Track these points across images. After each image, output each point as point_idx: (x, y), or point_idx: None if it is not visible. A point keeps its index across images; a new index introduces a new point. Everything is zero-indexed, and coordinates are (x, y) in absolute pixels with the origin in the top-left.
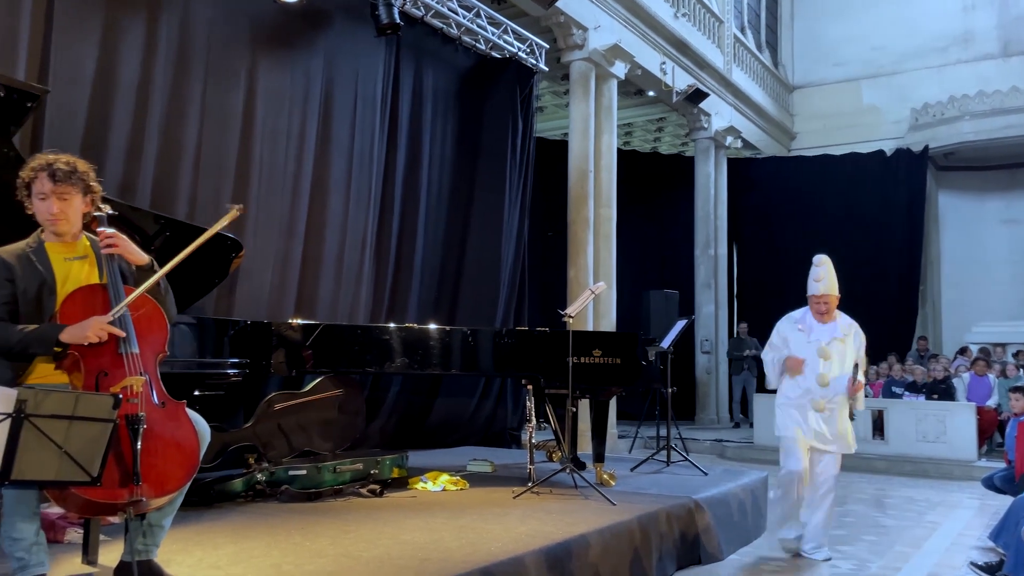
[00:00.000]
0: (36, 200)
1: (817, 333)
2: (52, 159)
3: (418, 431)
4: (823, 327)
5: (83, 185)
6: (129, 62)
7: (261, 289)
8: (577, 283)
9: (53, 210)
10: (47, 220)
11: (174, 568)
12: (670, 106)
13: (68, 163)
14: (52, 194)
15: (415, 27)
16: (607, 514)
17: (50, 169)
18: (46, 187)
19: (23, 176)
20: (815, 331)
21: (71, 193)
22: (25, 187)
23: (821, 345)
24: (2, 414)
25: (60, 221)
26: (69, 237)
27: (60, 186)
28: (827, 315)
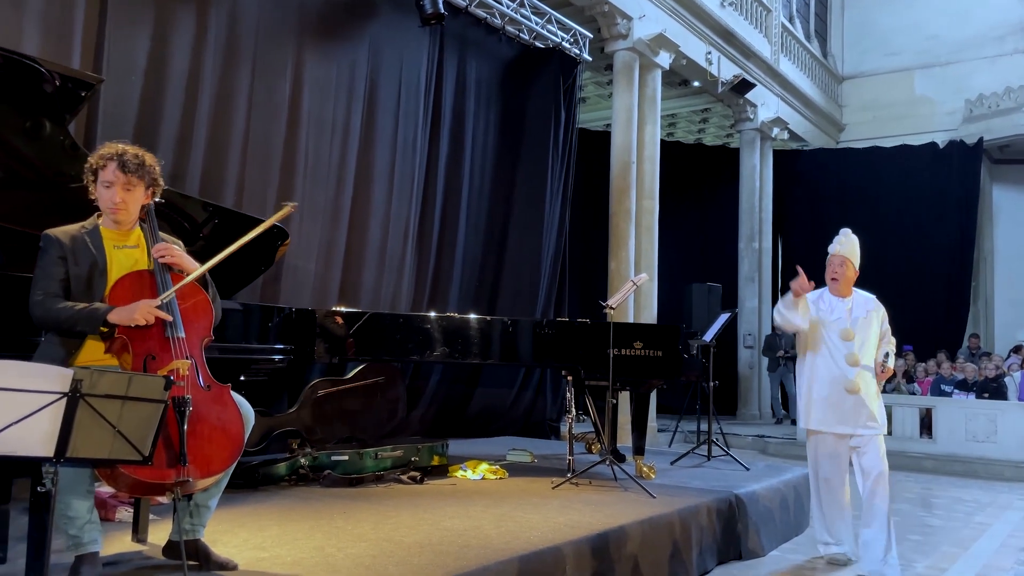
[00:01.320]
0: (101, 187)
1: (838, 312)
2: (123, 149)
3: (458, 420)
4: (842, 305)
5: (149, 178)
6: (180, 53)
7: (306, 277)
8: (618, 275)
9: (116, 199)
10: (109, 208)
11: (220, 548)
12: (715, 97)
13: (138, 155)
14: (118, 183)
15: (459, 17)
16: (647, 507)
17: (121, 159)
18: (114, 176)
19: (92, 162)
20: (835, 310)
21: (137, 184)
22: (92, 172)
23: (844, 327)
24: (59, 393)
25: (121, 211)
26: (126, 226)
27: (128, 176)
28: (839, 281)
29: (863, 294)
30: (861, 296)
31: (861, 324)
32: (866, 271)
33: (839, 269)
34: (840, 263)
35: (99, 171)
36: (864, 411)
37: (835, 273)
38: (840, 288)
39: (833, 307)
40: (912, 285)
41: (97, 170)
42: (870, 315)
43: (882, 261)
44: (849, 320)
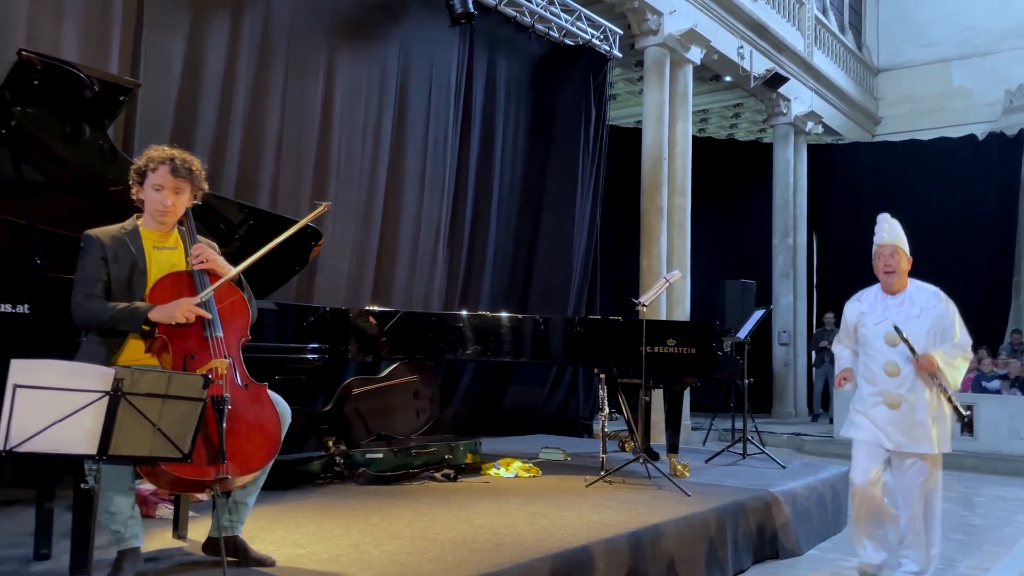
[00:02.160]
0: (150, 189)
1: (883, 312)
2: (173, 153)
3: (490, 418)
4: (892, 303)
5: (195, 183)
6: (215, 56)
7: (339, 277)
8: (650, 272)
9: (167, 202)
10: (157, 210)
11: (258, 545)
12: (748, 91)
13: (186, 160)
14: (169, 187)
15: (488, 16)
16: (682, 505)
17: (172, 163)
18: (165, 179)
19: (141, 164)
20: (883, 310)
21: (185, 189)
22: (140, 174)
23: (889, 329)
24: (101, 391)
25: (170, 213)
26: (167, 227)
27: (178, 181)
28: (894, 275)
29: (923, 287)
30: (919, 290)
31: (909, 325)
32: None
33: (891, 260)
34: (891, 253)
35: (149, 173)
36: (905, 426)
37: (888, 266)
38: (895, 283)
39: (879, 305)
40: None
41: (146, 172)
42: (925, 314)
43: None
44: (898, 320)
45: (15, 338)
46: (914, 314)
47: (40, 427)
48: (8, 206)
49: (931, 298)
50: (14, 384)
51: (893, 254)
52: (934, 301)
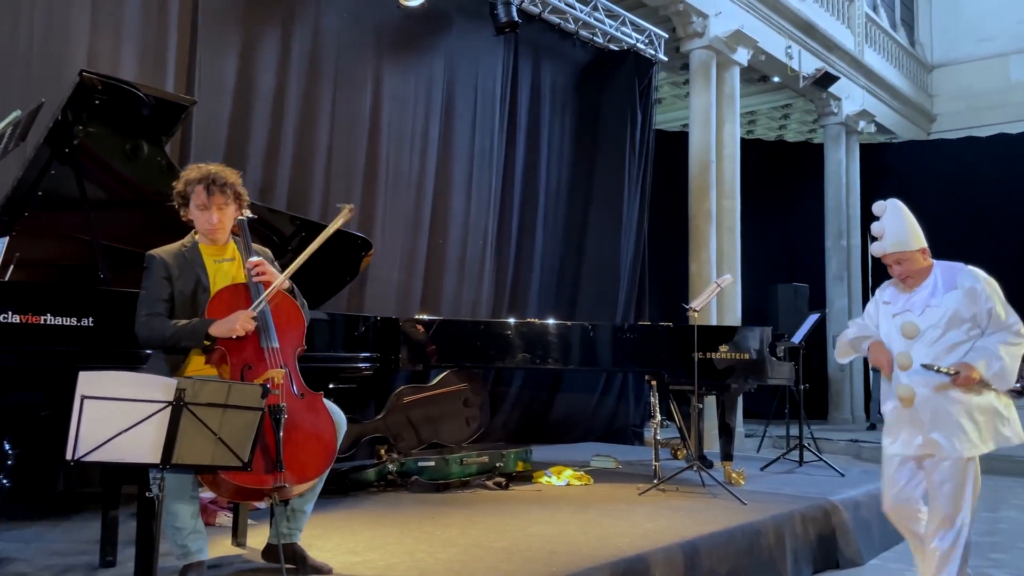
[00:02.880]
0: (196, 210)
1: (903, 303)
2: (207, 171)
3: (540, 426)
4: (912, 295)
5: (234, 194)
6: (266, 72)
7: (389, 286)
8: (699, 277)
9: (214, 220)
10: (208, 229)
11: (315, 552)
12: (797, 92)
13: (220, 174)
14: (212, 205)
15: (532, 24)
16: (737, 513)
17: (207, 181)
18: (205, 199)
19: (179, 188)
20: (905, 299)
21: (227, 203)
22: (182, 197)
23: (907, 319)
24: (164, 402)
25: (219, 230)
26: (221, 242)
27: (218, 197)
28: (911, 278)
29: (950, 268)
30: (945, 272)
31: (931, 313)
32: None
33: (898, 268)
34: (896, 261)
35: (190, 196)
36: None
37: (900, 274)
38: (914, 283)
39: (901, 294)
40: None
41: (187, 195)
42: (947, 299)
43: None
44: (915, 309)
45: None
46: (935, 301)
47: (106, 437)
48: (72, 223)
49: (965, 276)
50: (82, 395)
51: (900, 261)
52: (967, 280)
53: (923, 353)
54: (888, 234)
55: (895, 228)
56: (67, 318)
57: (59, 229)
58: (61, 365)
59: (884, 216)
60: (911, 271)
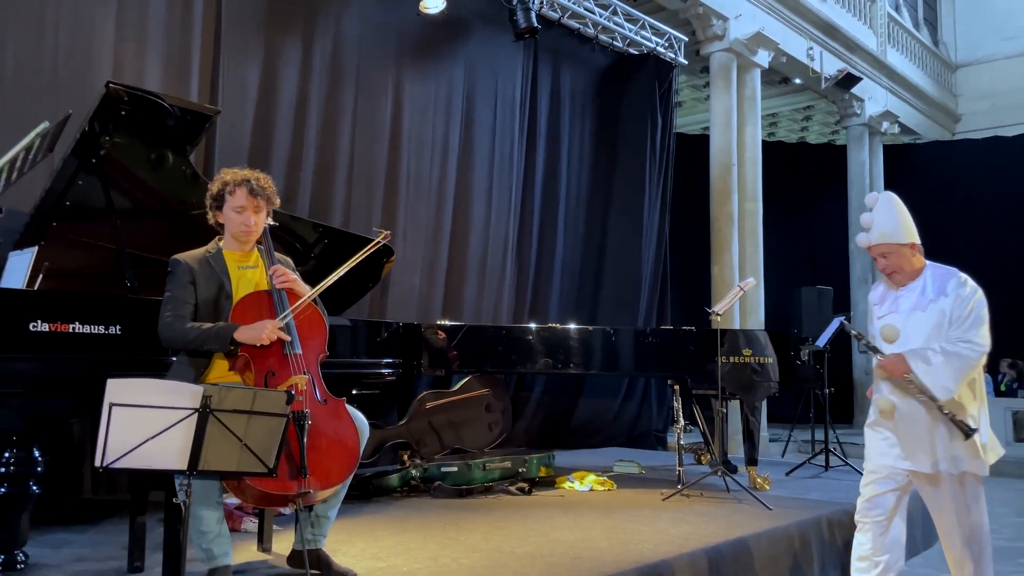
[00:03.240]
0: (231, 212)
1: (889, 304)
2: (248, 174)
3: (562, 431)
4: (899, 296)
5: (267, 200)
6: (288, 80)
7: (410, 292)
8: (722, 281)
9: (250, 222)
10: (241, 231)
11: (339, 557)
12: (818, 93)
13: (260, 179)
14: (249, 207)
15: (552, 29)
16: (763, 519)
17: (248, 184)
18: (245, 200)
19: (216, 188)
20: (888, 302)
21: (262, 207)
22: (217, 199)
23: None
24: (191, 408)
25: (252, 232)
26: (248, 246)
27: (256, 200)
28: (897, 273)
29: (940, 272)
30: (937, 276)
31: (917, 319)
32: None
33: (886, 262)
34: (882, 254)
35: (227, 197)
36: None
37: (886, 268)
38: (901, 280)
39: (889, 295)
40: None
41: (224, 196)
42: (932, 306)
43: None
44: (901, 311)
45: (108, 358)
46: (920, 307)
47: (134, 444)
48: (99, 232)
49: (950, 282)
50: (110, 403)
51: (886, 255)
52: (949, 287)
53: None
54: (876, 225)
55: (884, 219)
56: (95, 326)
57: (86, 238)
58: (89, 373)
59: (875, 207)
60: (897, 266)
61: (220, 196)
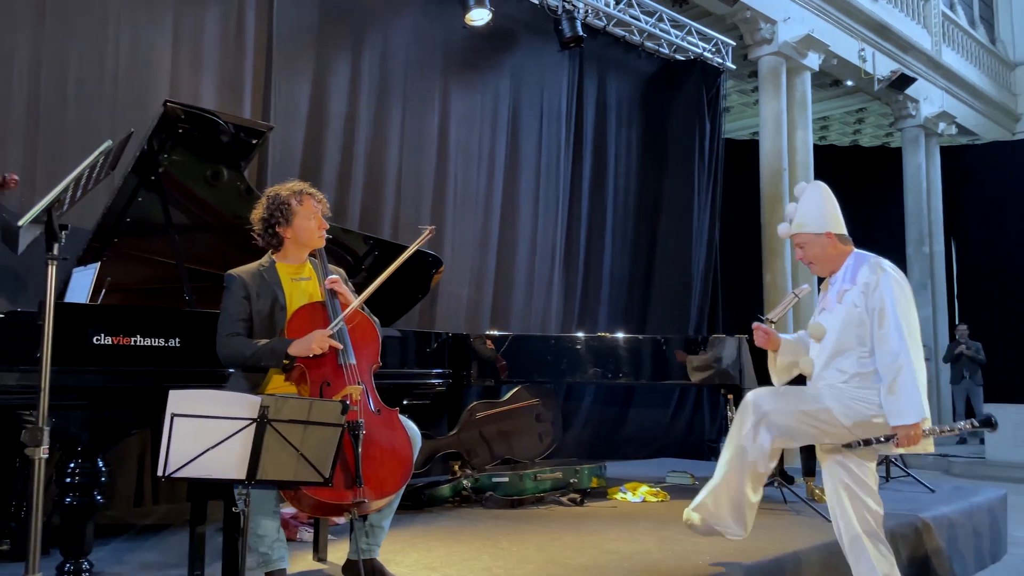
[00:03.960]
0: (302, 219)
1: (821, 300)
2: (303, 186)
3: (613, 441)
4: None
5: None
6: (337, 96)
7: (459, 303)
8: (774, 288)
9: (326, 226)
10: (320, 236)
11: (393, 567)
12: (871, 95)
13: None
14: (318, 214)
15: (597, 38)
16: (822, 531)
17: (316, 194)
18: (315, 207)
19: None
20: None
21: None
22: (280, 213)
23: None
24: (249, 419)
25: (323, 239)
26: (300, 260)
27: (322, 207)
28: (814, 264)
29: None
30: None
31: (836, 313)
32: None
33: (799, 252)
34: (798, 245)
35: (297, 208)
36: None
37: (800, 258)
38: (821, 271)
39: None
40: None
41: (291, 205)
42: (846, 296)
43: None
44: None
45: (167, 370)
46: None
47: (195, 453)
48: (158, 247)
49: (860, 271)
50: (172, 413)
51: (802, 245)
52: (859, 276)
53: (818, 360)
54: (797, 215)
55: (804, 209)
56: (155, 339)
57: (146, 253)
58: (149, 385)
59: (800, 197)
60: (813, 256)
61: (286, 209)
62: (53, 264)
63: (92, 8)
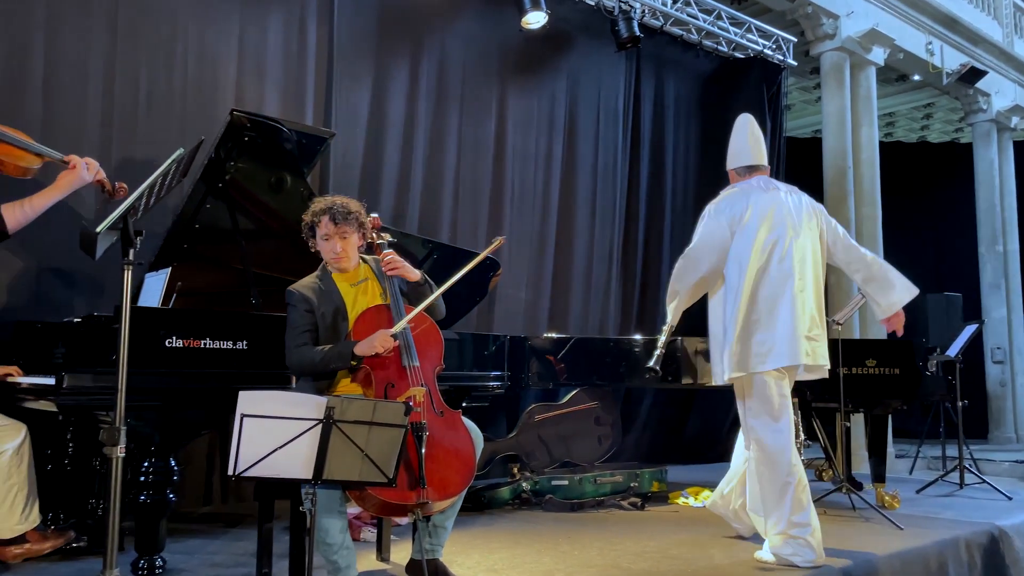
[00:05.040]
0: (320, 240)
1: None
2: (331, 202)
3: (674, 445)
4: None
5: (357, 223)
6: (396, 103)
7: (516, 305)
8: (839, 289)
9: (337, 249)
10: (332, 258)
11: (456, 568)
12: (939, 89)
13: (343, 205)
14: (335, 235)
15: (654, 37)
16: (894, 539)
17: (331, 212)
18: (329, 229)
19: (307, 220)
20: None
21: (350, 232)
22: (309, 229)
23: None
24: (315, 419)
25: (343, 259)
26: (349, 269)
27: (340, 227)
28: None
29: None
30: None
31: None
32: None
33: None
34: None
35: (315, 227)
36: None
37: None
38: None
39: None
40: None
41: (313, 226)
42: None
43: None
44: None
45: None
46: None
47: (263, 453)
48: (226, 252)
49: None
50: (242, 414)
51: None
52: None
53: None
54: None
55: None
56: (224, 342)
57: (214, 258)
58: (218, 386)
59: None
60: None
61: (311, 226)
62: (129, 269)
63: (161, 23)
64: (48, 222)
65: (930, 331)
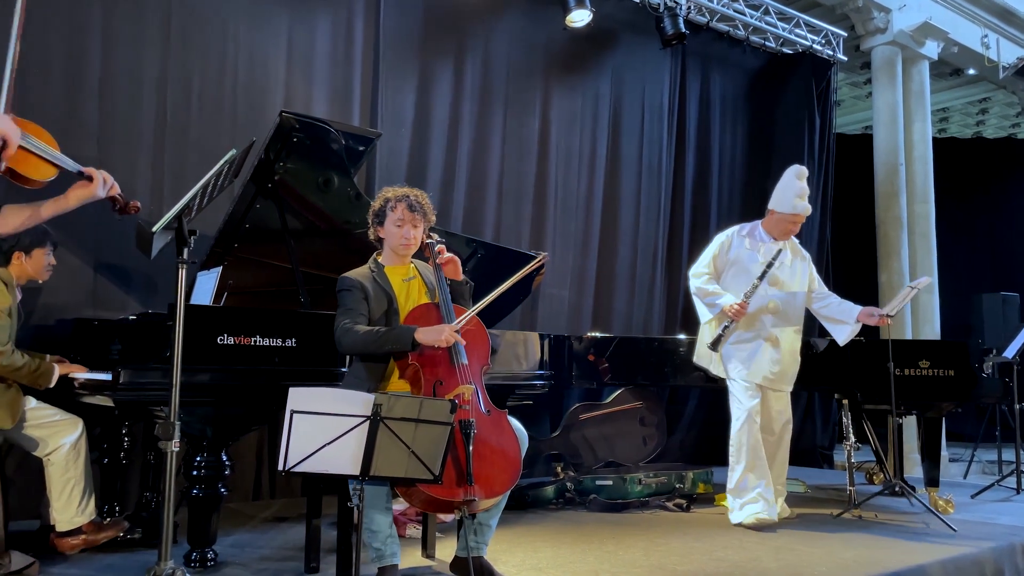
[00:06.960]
0: (391, 226)
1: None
2: (407, 191)
3: (720, 446)
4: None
5: (424, 216)
6: (441, 102)
7: (560, 305)
8: (889, 287)
9: (409, 236)
10: (401, 244)
11: (500, 567)
12: (995, 84)
13: (418, 196)
14: (408, 221)
15: (700, 34)
16: (949, 544)
17: (408, 200)
18: (405, 215)
19: (379, 204)
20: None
21: (420, 222)
22: (379, 214)
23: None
24: (363, 416)
25: (411, 246)
26: (406, 260)
27: (414, 215)
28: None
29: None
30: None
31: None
32: None
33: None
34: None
35: (388, 212)
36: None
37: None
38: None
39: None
40: None
41: (386, 211)
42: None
43: None
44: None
45: (284, 369)
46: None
47: (312, 449)
48: (275, 251)
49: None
50: (291, 410)
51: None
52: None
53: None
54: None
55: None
56: (273, 339)
57: (264, 258)
58: (267, 383)
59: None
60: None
61: (382, 212)
62: (183, 267)
63: (213, 28)
64: (104, 222)
65: (985, 332)
